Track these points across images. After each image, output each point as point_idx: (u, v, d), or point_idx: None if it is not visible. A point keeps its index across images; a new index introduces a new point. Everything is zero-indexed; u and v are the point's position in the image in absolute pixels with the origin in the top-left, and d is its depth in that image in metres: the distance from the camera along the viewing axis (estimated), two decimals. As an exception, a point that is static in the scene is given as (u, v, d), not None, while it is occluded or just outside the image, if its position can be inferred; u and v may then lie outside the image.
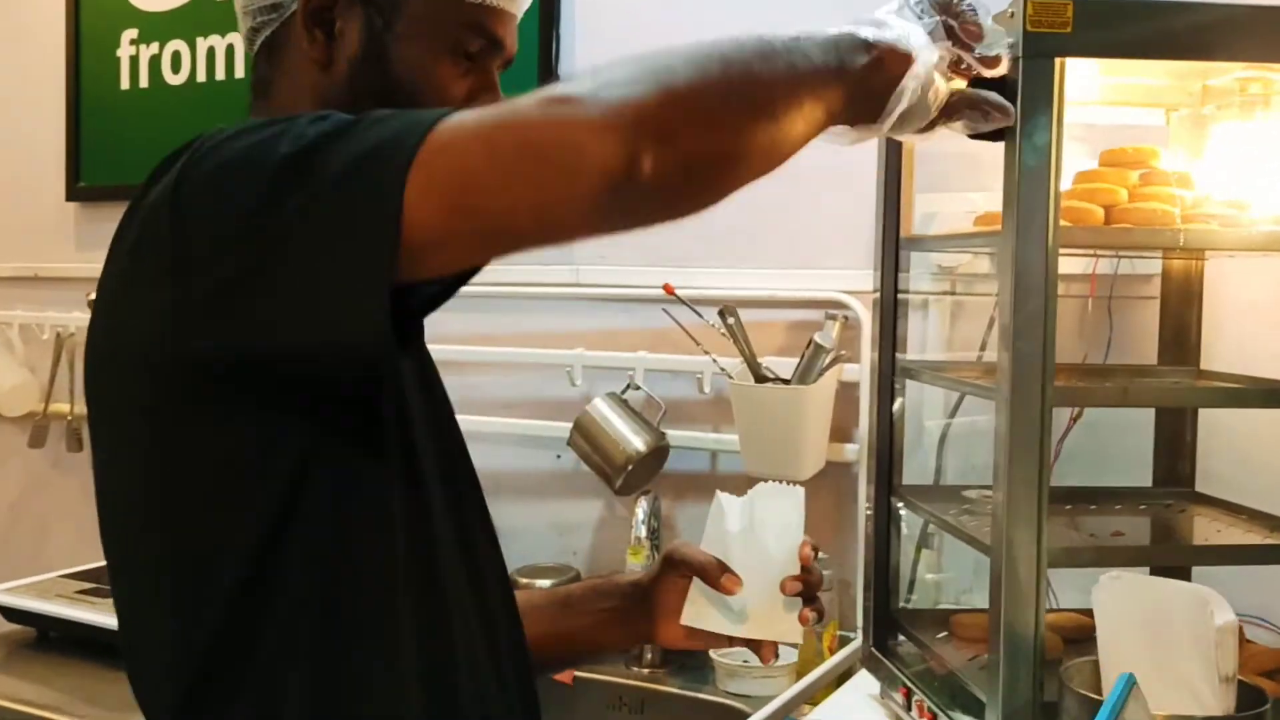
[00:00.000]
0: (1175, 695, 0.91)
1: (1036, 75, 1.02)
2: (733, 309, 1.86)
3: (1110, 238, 1.14)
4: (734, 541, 1.05)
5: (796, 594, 1.03)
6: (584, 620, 1.15)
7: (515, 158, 0.69)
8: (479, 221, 0.71)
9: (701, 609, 1.06)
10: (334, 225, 0.71)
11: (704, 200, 0.75)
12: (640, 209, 0.72)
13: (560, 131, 0.68)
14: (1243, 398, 1.30)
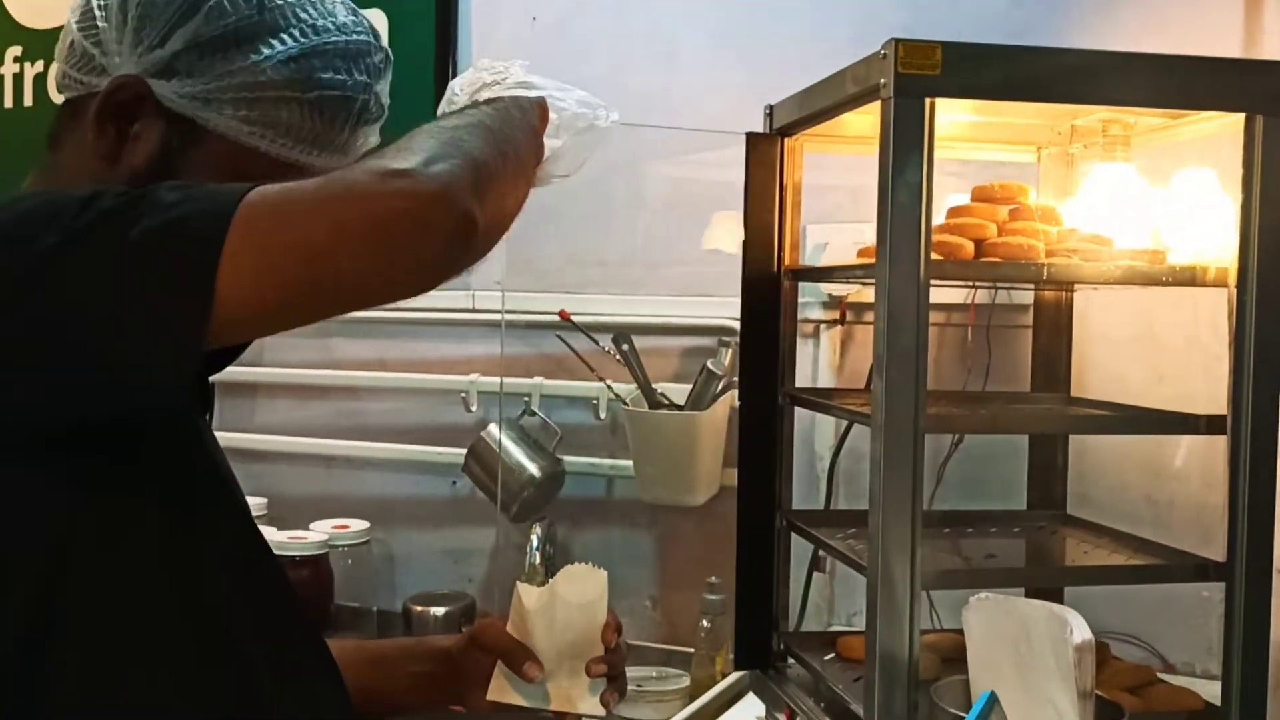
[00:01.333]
0: (1039, 712, 0.95)
1: (907, 115, 1.06)
2: (627, 335, 1.88)
3: (979, 271, 1.19)
4: (537, 623, 1.09)
5: (601, 675, 1.08)
6: (395, 681, 1.16)
7: (364, 229, 0.72)
8: (317, 290, 0.74)
9: (505, 685, 1.10)
10: (140, 284, 0.71)
11: (494, 243, 0.83)
12: (465, 262, 0.77)
13: (405, 203, 0.72)
14: (1106, 424, 1.36)
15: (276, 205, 0.73)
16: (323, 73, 0.89)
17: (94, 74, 0.89)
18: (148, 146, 0.88)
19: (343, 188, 0.73)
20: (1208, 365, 1.46)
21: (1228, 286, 1.13)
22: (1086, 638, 0.95)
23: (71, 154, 0.91)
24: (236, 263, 0.70)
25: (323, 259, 0.72)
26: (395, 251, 0.72)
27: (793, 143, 1.39)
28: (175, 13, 0.88)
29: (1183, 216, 1.22)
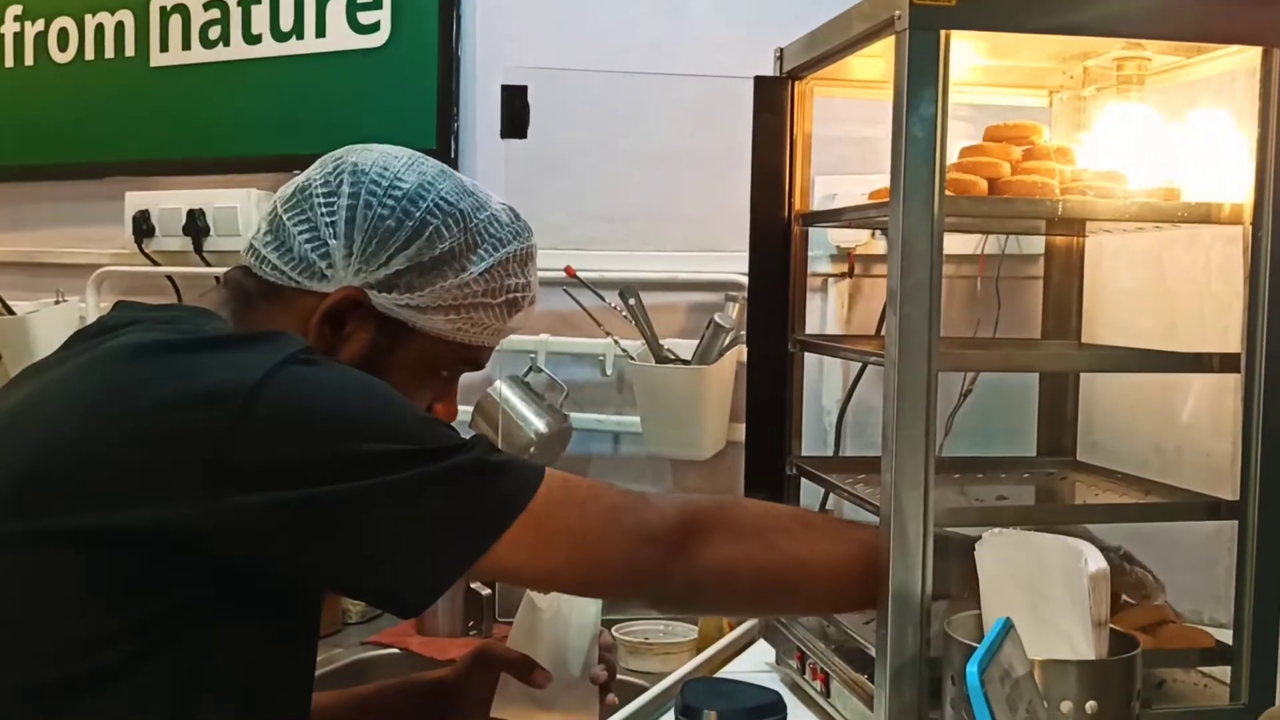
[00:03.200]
0: (1052, 643, 0.95)
1: (922, 48, 1.04)
2: (634, 290, 1.88)
3: (993, 207, 1.18)
4: (541, 637, 1.18)
5: (603, 681, 1.20)
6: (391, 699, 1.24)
7: (615, 578, 0.98)
8: (555, 581, 1.02)
9: (511, 700, 1.18)
10: (440, 525, 0.89)
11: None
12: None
13: (650, 575, 0.98)
14: (1120, 363, 1.36)
15: (576, 509, 0.95)
16: (508, 278, 1.04)
17: (312, 279, 1.00)
18: (359, 346, 1.00)
19: (634, 526, 0.97)
20: (1219, 315, 1.46)
21: (1243, 223, 1.12)
22: (1101, 567, 0.94)
23: (266, 321, 1.00)
24: (520, 534, 0.90)
25: (587, 568, 0.96)
26: (640, 588, 0.99)
27: (803, 86, 1.38)
28: (402, 239, 0.99)
29: (1197, 155, 1.21)
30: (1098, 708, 0.91)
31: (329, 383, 0.89)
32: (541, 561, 0.93)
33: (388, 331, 1.00)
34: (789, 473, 1.40)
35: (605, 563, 0.95)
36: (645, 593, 1.02)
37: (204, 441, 0.82)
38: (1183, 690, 1.18)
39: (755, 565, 1.00)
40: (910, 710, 1.06)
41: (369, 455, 0.85)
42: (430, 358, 1.02)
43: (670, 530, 0.96)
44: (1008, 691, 0.79)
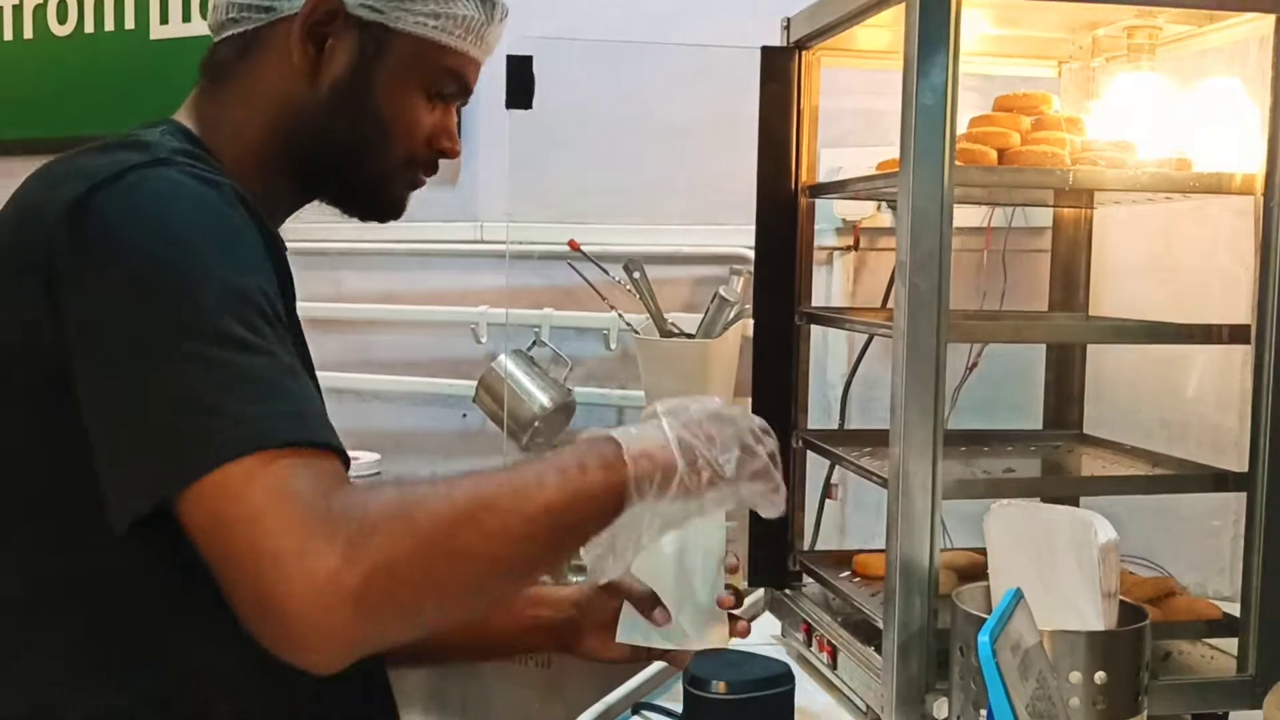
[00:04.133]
0: (1061, 614, 0.95)
1: (932, 15, 1.04)
2: (638, 264, 1.87)
3: (1003, 177, 1.17)
4: (665, 564, 1.10)
5: (731, 606, 1.10)
6: (514, 623, 1.19)
7: (253, 602, 0.74)
8: (213, 565, 0.76)
9: (635, 625, 1.11)
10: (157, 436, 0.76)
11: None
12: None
13: (297, 617, 0.72)
14: (1129, 334, 1.35)
15: (256, 506, 0.74)
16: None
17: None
18: (344, 57, 0.96)
19: (283, 556, 0.72)
20: (1227, 287, 1.45)
21: (1255, 194, 1.11)
22: (1111, 538, 0.94)
23: (248, 83, 0.98)
24: (196, 503, 0.74)
25: (224, 573, 0.75)
26: (262, 629, 0.74)
27: (810, 57, 1.37)
28: None
29: (1208, 125, 1.20)
30: (1107, 678, 0.91)
31: (174, 194, 0.83)
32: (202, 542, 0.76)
33: (371, 37, 0.96)
34: (795, 446, 1.40)
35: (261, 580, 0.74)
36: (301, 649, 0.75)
37: (40, 251, 0.80)
38: (1189, 661, 1.18)
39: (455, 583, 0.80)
40: (917, 682, 1.07)
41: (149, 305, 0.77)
42: (418, 65, 0.98)
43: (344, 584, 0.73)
44: (1018, 662, 0.79)
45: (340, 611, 0.72)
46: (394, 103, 0.98)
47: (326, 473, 0.77)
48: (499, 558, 0.80)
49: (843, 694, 1.23)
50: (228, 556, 0.74)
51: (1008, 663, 0.76)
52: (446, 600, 0.80)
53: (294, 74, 0.96)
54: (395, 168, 1.01)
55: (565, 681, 1.81)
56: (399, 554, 0.75)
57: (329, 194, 1.03)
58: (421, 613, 0.78)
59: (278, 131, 0.98)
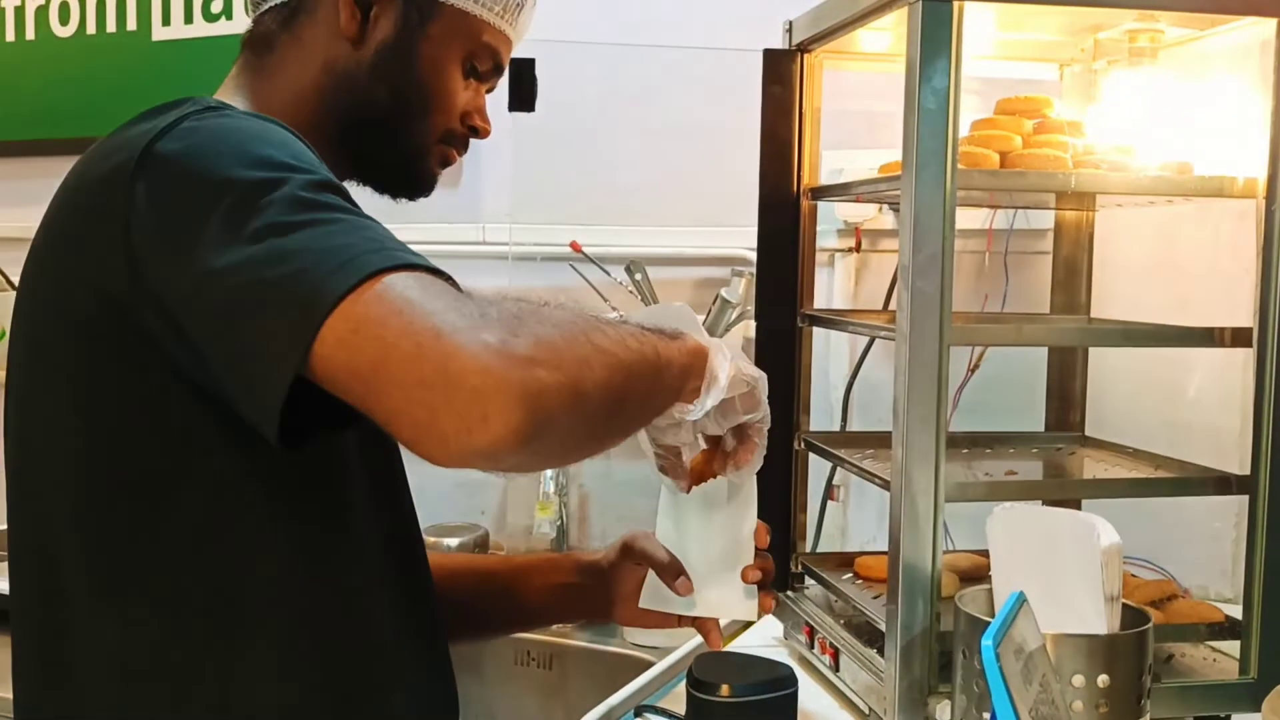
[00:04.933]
0: (1064, 617, 0.95)
1: (935, 19, 1.04)
2: (640, 265, 1.87)
3: (1006, 180, 1.17)
4: (691, 534, 1.07)
5: (757, 581, 1.07)
6: (540, 591, 1.20)
7: (428, 377, 0.69)
8: (369, 392, 0.71)
9: (659, 592, 1.08)
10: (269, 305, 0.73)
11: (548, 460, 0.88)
12: (505, 465, 0.75)
13: (481, 382, 0.68)
14: (1131, 337, 1.35)
15: (397, 305, 0.71)
16: None
17: None
18: (389, 24, 0.98)
19: (448, 325, 0.69)
20: (1228, 290, 1.45)
21: (1257, 197, 1.11)
22: (1114, 541, 0.94)
23: (293, 51, 0.99)
24: (337, 331, 0.70)
25: (385, 375, 0.70)
26: (436, 417, 0.69)
27: (812, 59, 1.37)
28: None
29: (1210, 129, 1.20)
30: (1110, 681, 0.91)
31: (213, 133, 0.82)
32: (353, 372, 0.71)
33: (416, 7, 0.99)
34: (797, 448, 1.40)
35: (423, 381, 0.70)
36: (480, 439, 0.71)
37: (114, 220, 0.79)
38: (1191, 664, 1.18)
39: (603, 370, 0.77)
40: (920, 684, 1.07)
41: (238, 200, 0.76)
42: (458, 38, 1.00)
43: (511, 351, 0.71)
44: (1021, 665, 0.79)
45: (520, 370, 0.69)
46: (435, 73, 1.00)
47: (451, 282, 0.76)
48: (627, 362, 0.79)
49: (845, 696, 1.23)
50: (383, 357, 0.69)
51: (1011, 666, 0.77)
52: (605, 383, 0.76)
53: (339, 39, 0.98)
54: (432, 140, 1.03)
55: (568, 684, 1.81)
56: (551, 333, 0.73)
57: (366, 166, 1.03)
58: (585, 388, 0.74)
59: (324, 98, 0.99)
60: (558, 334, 0.74)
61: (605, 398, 0.77)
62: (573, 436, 0.77)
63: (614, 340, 0.79)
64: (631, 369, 0.80)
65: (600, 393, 0.76)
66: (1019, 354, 1.60)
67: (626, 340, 0.80)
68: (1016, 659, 0.79)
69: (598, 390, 0.76)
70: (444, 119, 1.02)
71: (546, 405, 0.70)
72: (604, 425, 0.81)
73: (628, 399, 0.81)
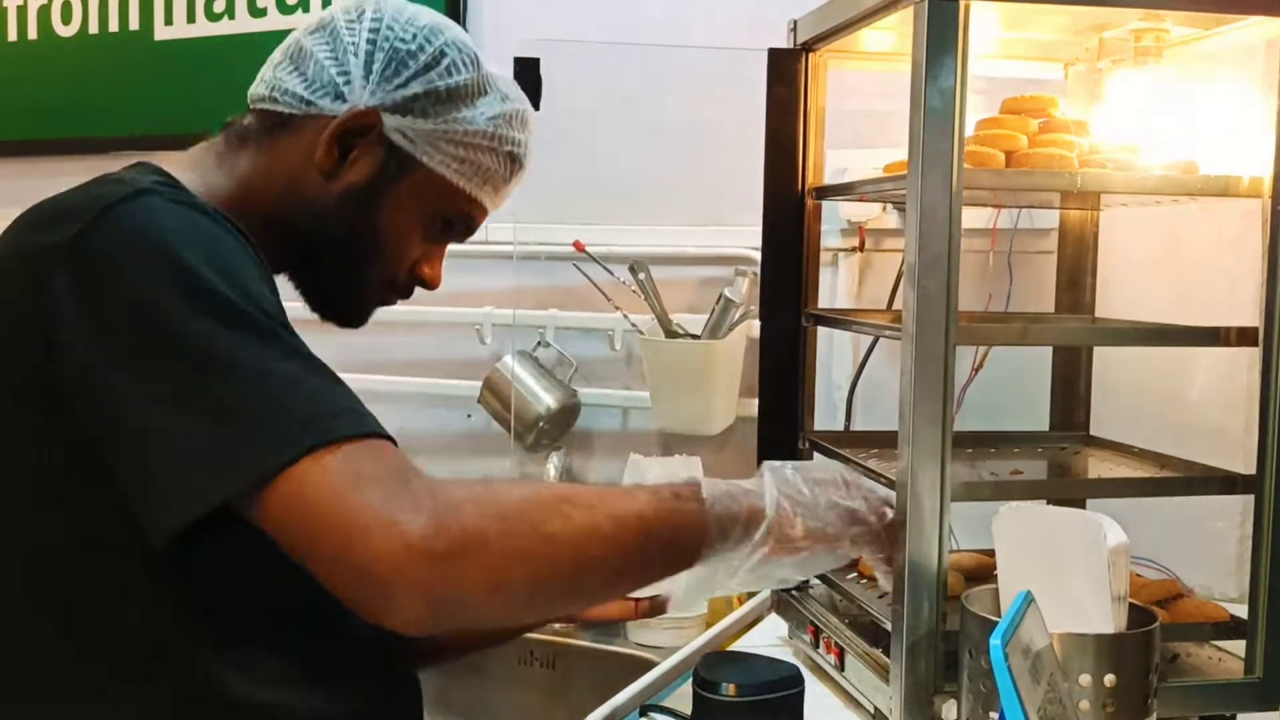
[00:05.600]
0: (1070, 617, 0.95)
1: (942, 18, 1.04)
2: (643, 264, 1.87)
3: (1012, 179, 1.17)
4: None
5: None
6: None
7: (349, 565, 0.76)
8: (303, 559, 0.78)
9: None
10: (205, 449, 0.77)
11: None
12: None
13: (390, 578, 0.75)
14: (1137, 337, 1.35)
15: (332, 489, 0.76)
16: (511, 131, 1.05)
17: (328, 98, 1.00)
18: (366, 169, 0.99)
19: (376, 524, 0.75)
20: (1232, 289, 1.45)
21: (1263, 197, 1.11)
22: (1121, 541, 0.94)
23: (267, 159, 1.00)
24: (270, 501, 0.76)
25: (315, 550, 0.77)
26: (358, 594, 0.77)
27: (816, 58, 1.37)
28: (420, 63, 1.01)
29: (1215, 128, 1.20)
30: (1117, 681, 0.91)
31: (166, 220, 0.83)
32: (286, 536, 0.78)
33: (395, 160, 1.00)
34: (802, 448, 1.40)
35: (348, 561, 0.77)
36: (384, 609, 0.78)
37: (39, 283, 0.81)
38: (1196, 664, 1.18)
39: (535, 566, 0.81)
40: (925, 684, 1.07)
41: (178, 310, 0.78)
42: (430, 199, 1.02)
43: (430, 539, 0.76)
44: (1029, 665, 0.79)
45: (431, 570, 0.75)
46: (396, 225, 1.00)
47: (399, 458, 0.80)
48: (588, 553, 0.82)
49: (850, 696, 1.23)
50: (315, 537, 0.76)
51: (1019, 666, 0.77)
52: (537, 579, 0.80)
53: (312, 167, 0.99)
54: (375, 285, 1.04)
55: (571, 684, 1.81)
56: (486, 525, 0.78)
57: (303, 284, 1.05)
58: (510, 585, 0.79)
59: (279, 207, 1.00)
60: (497, 525, 0.79)
61: (539, 589, 0.81)
62: (495, 618, 0.87)
63: (578, 529, 0.82)
64: (591, 558, 0.83)
65: (531, 585, 0.81)
66: (1022, 354, 1.60)
67: (600, 526, 0.83)
68: (1024, 658, 0.79)
69: (528, 583, 0.80)
70: (391, 267, 1.03)
71: (454, 599, 0.77)
72: (537, 609, 0.89)
73: (577, 586, 0.85)
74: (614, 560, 0.85)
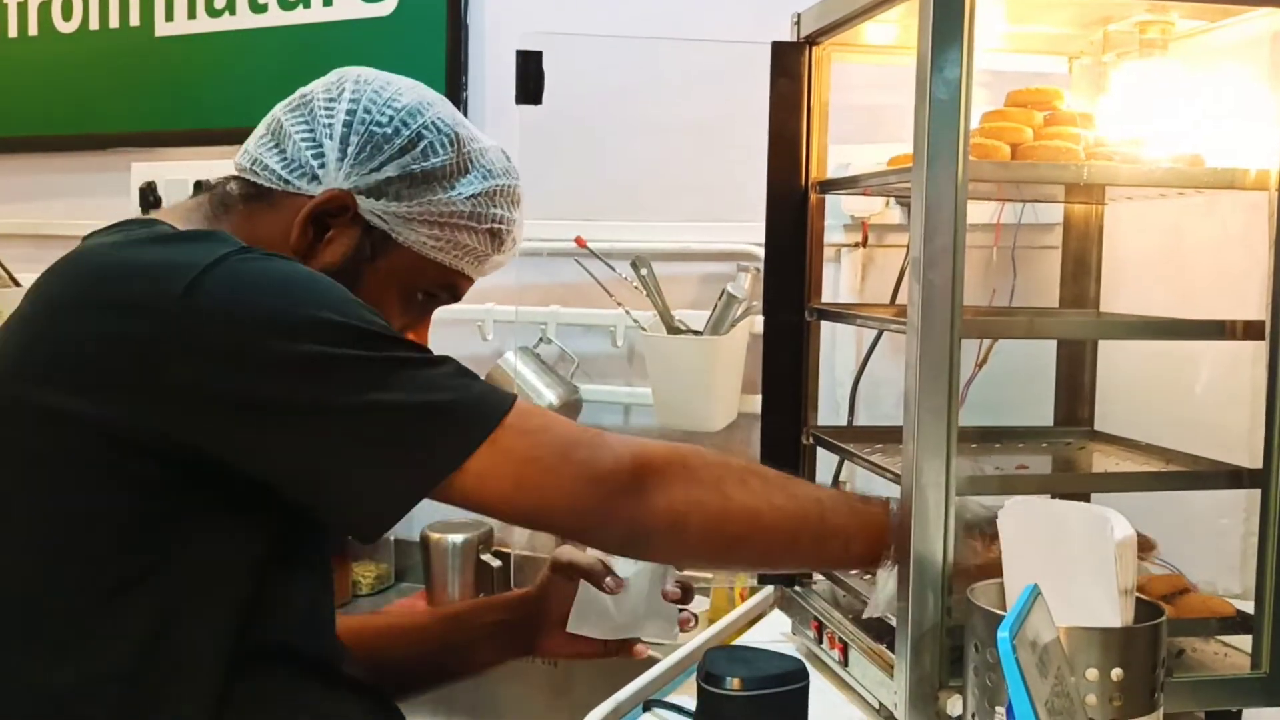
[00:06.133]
0: (1077, 611, 0.94)
1: (947, 9, 1.03)
2: (645, 260, 1.87)
3: (1017, 172, 1.17)
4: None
5: (676, 600, 1.17)
6: (474, 633, 1.23)
7: (572, 504, 0.91)
8: (517, 512, 0.92)
9: (585, 615, 1.14)
10: (403, 444, 0.85)
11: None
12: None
13: (606, 508, 0.91)
14: (1144, 329, 1.34)
15: (531, 438, 0.89)
16: (494, 208, 1.06)
17: (304, 179, 1.01)
18: (341, 249, 1.01)
19: (585, 461, 0.90)
20: (1236, 283, 1.45)
21: (1269, 189, 1.11)
22: (1128, 534, 0.94)
23: (242, 225, 1.00)
24: (480, 460, 0.86)
25: (535, 498, 0.89)
26: (586, 526, 0.94)
27: (820, 52, 1.37)
28: (396, 147, 1.01)
29: (1221, 121, 1.19)
30: (1124, 675, 0.91)
31: (274, 273, 0.87)
32: (489, 489, 0.87)
33: (371, 240, 1.01)
34: (806, 442, 1.40)
35: (549, 497, 0.90)
36: (590, 532, 0.97)
37: (145, 334, 0.83)
38: (1202, 659, 1.17)
39: (707, 514, 0.95)
40: (930, 678, 1.06)
41: (321, 356, 0.83)
42: (409, 274, 1.03)
43: (622, 471, 0.91)
44: (1036, 659, 0.78)
45: (630, 490, 0.90)
46: (375, 302, 0.99)
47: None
48: (760, 517, 0.96)
49: (854, 691, 1.22)
50: (526, 477, 0.87)
51: (1026, 659, 0.76)
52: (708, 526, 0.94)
53: (288, 245, 0.99)
54: None
55: (574, 680, 1.81)
56: (675, 472, 0.93)
57: None
58: (687, 526, 0.93)
59: None
60: (683, 474, 0.93)
61: (709, 536, 0.95)
62: (670, 554, 1.01)
63: (754, 494, 0.96)
64: (763, 524, 0.96)
65: (703, 531, 0.94)
66: (1026, 349, 1.59)
67: (775, 498, 0.96)
68: (1031, 652, 0.78)
69: (701, 529, 0.94)
70: None
71: (643, 522, 0.91)
72: (708, 556, 1.00)
73: (746, 544, 0.97)
74: (784, 529, 0.97)
